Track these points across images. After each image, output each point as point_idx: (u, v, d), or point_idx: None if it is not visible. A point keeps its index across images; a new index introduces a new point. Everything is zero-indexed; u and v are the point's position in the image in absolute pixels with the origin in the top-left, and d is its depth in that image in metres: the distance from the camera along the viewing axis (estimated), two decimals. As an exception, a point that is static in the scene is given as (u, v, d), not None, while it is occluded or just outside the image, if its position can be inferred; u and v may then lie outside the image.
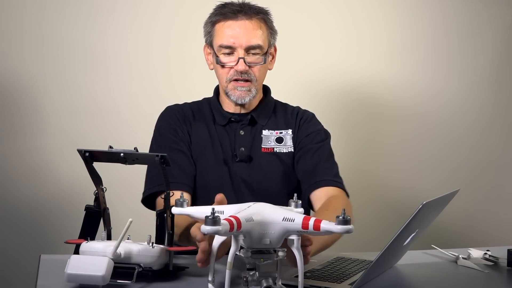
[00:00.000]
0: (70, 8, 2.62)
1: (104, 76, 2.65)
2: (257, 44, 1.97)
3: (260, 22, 1.99)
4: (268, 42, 2.01)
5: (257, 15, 1.98)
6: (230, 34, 1.96)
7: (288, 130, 2.07)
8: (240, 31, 1.96)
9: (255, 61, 1.98)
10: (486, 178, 3.06)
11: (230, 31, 1.96)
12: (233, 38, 1.96)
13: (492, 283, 1.65)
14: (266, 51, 2.00)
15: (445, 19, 2.99)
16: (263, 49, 1.98)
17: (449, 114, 3.01)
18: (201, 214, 1.34)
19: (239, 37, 1.95)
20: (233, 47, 1.96)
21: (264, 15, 2.01)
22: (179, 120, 2.04)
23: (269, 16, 2.03)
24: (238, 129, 2.03)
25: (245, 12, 1.97)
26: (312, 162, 2.01)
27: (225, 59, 1.97)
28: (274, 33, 2.04)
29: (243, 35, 1.96)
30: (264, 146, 2.02)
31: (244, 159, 1.99)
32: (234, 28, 1.96)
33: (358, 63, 2.90)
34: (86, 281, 1.35)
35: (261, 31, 1.98)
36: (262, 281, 1.28)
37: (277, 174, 2.01)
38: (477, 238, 2.98)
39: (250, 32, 1.96)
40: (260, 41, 1.97)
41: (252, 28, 1.97)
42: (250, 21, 1.97)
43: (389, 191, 2.95)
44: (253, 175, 1.99)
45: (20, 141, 2.59)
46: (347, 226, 1.23)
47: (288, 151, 2.04)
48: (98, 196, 1.54)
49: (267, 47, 2.00)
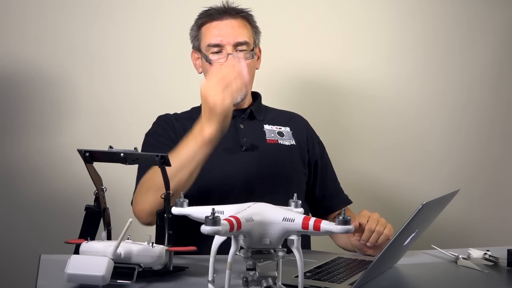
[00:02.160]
0: (70, 8, 2.61)
1: (104, 76, 2.65)
2: (244, 40, 2.04)
3: (244, 21, 2.08)
4: (253, 40, 2.09)
5: (240, 14, 2.07)
6: (217, 33, 2.04)
7: (286, 127, 2.12)
8: (227, 29, 2.04)
9: (244, 56, 2.03)
10: (486, 178, 3.06)
11: (217, 30, 2.04)
12: (220, 36, 2.03)
13: (492, 283, 1.65)
14: (252, 48, 2.06)
15: (445, 19, 2.99)
16: (250, 45, 2.06)
17: (449, 114, 3.01)
18: (201, 214, 1.34)
19: (226, 35, 2.03)
20: (221, 45, 2.02)
21: (247, 14, 2.10)
22: (172, 124, 2.07)
23: (252, 16, 2.11)
24: (237, 123, 2.06)
25: (230, 13, 2.07)
26: (330, 186, 2.18)
27: (214, 57, 2.03)
28: (258, 32, 2.13)
29: (230, 33, 2.03)
30: (268, 138, 2.06)
31: (250, 147, 2.02)
32: (220, 27, 2.04)
33: (358, 63, 2.90)
34: (86, 281, 1.35)
35: (246, 29, 2.07)
36: (262, 281, 1.28)
37: (285, 161, 2.07)
38: (477, 238, 2.98)
39: (236, 30, 2.04)
40: (246, 38, 2.05)
41: (238, 26, 2.05)
42: (235, 20, 2.06)
43: (389, 191, 2.95)
44: (261, 162, 2.01)
45: (20, 141, 2.59)
46: (347, 226, 1.23)
47: (291, 144, 2.10)
48: (98, 196, 1.54)
49: (253, 45, 2.07)
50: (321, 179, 2.15)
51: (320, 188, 2.15)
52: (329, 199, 2.15)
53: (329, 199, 2.15)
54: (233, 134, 2.03)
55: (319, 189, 2.15)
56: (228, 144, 1.99)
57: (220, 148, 1.96)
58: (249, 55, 2.04)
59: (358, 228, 1.81)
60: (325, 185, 2.16)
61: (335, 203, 2.15)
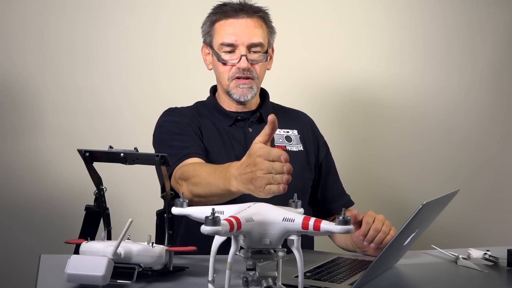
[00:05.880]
0: (70, 8, 2.61)
1: (104, 76, 2.65)
2: (259, 42, 1.99)
3: (260, 20, 2.01)
4: (268, 40, 2.03)
5: (257, 13, 2.00)
6: (231, 32, 1.98)
7: (293, 130, 2.09)
8: (242, 29, 1.97)
9: (257, 59, 1.99)
10: (486, 178, 3.06)
11: (231, 29, 1.98)
12: (235, 36, 1.97)
13: (492, 283, 1.65)
14: (266, 49, 2.01)
15: (445, 19, 2.99)
16: (264, 47, 2.00)
17: (449, 114, 3.01)
18: (201, 214, 1.34)
19: (241, 35, 1.97)
20: (235, 45, 1.97)
21: (264, 14, 2.03)
22: (187, 116, 2.03)
23: (268, 15, 2.05)
24: (246, 127, 2.03)
25: (246, 11, 2.00)
26: (332, 189, 2.15)
27: (226, 57, 1.98)
28: (273, 32, 2.07)
29: (244, 32, 1.97)
30: (276, 144, 2.03)
31: None
32: (235, 26, 1.98)
33: (358, 63, 2.90)
34: (86, 281, 1.35)
35: (261, 30, 2.00)
36: (262, 281, 1.27)
37: (294, 169, 2.03)
38: (477, 238, 2.98)
39: (252, 30, 1.98)
40: (261, 39, 1.99)
41: (254, 26, 1.99)
42: (251, 19, 1.99)
43: (389, 191, 2.95)
44: None
45: (20, 141, 2.58)
46: (347, 226, 1.23)
47: (298, 149, 2.07)
48: (98, 196, 1.54)
49: (267, 46, 2.01)
50: (323, 182, 2.13)
51: (322, 191, 2.13)
52: (330, 202, 2.13)
53: (330, 202, 2.13)
54: (242, 138, 2.02)
55: (321, 192, 2.13)
56: (237, 150, 1.98)
57: (230, 153, 1.95)
58: (262, 57, 1.99)
59: (362, 228, 1.80)
60: (327, 188, 2.14)
61: (336, 207, 2.12)
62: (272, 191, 1.33)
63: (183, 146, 1.90)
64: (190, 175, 1.74)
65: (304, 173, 2.05)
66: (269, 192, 1.34)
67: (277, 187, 1.32)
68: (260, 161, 1.34)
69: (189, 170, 1.77)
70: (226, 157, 1.93)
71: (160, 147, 1.96)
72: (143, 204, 2.58)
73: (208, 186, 1.64)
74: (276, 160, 1.32)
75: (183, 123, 1.99)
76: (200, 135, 1.99)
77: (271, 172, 1.33)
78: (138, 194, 2.64)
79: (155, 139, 2.02)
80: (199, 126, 2.01)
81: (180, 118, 2.01)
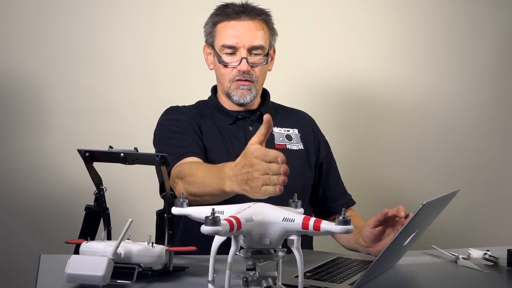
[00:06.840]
0: (71, 8, 2.62)
1: (104, 76, 2.65)
2: (260, 45, 1.99)
3: (262, 23, 2.01)
4: (269, 43, 2.03)
5: (259, 16, 2.01)
6: (233, 34, 1.98)
7: (294, 129, 2.09)
8: (243, 31, 1.98)
9: (258, 62, 1.99)
10: (486, 178, 3.07)
11: (233, 31, 1.98)
12: (236, 38, 1.97)
13: (492, 283, 1.65)
14: (267, 52, 2.01)
15: (445, 19, 2.99)
16: (265, 49, 2.01)
17: (449, 114, 3.01)
18: (201, 214, 1.34)
19: (242, 38, 1.97)
20: (236, 47, 1.98)
21: (266, 16, 2.03)
22: (187, 115, 2.04)
23: (270, 17, 2.05)
24: (246, 126, 2.04)
25: (248, 13, 2.00)
26: (333, 188, 2.14)
27: (227, 59, 1.98)
28: (275, 34, 2.07)
29: (246, 35, 1.98)
30: (276, 142, 2.04)
31: None
32: (237, 28, 1.98)
33: (358, 63, 2.90)
34: (86, 281, 1.35)
35: (263, 32, 2.01)
36: (262, 281, 1.27)
37: (293, 167, 2.03)
38: (477, 238, 2.98)
39: (253, 33, 1.98)
40: (262, 42, 1.99)
41: (255, 29, 1.99)
42: (253, 22, 1.99)
43: (389, 191, 2.95)
44: None
45: (20, 141, 2.59)
46: (347, 226, 1.23)
47: (299, 148, 2.07)
48: (98, 196, 1.54)
49: (268, 48, 2.02)
50: (324, 181, 2.13)
51: (323, 190, 2.13)
52: (331, 202, 2.13)
53: (331, 202, 2.13)
54: (242, 137, 2.02)
55: (322, 191, 2.13)
56: (237, 148, 1.98)
57: (231, 152, 1.96)
58: (262, 60, 1.99)
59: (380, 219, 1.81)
60: (327, 187, 2.14)
61: (337, 206, 2.12)
62: (268, 192, 1.33)
63: (182, 145, 1.91)
64: (186, 174, 1.75)
65: (304, 172, 2.06)
66: (265, 193, 1.33)
67: (273, 188, 1.32)
68: (257, 162, 1.34)
69: (185, 169, 1.78)
70: (227, 156, 1.93)
71: (160, 146, 1.98)
72: (143, 204, 2.58)
73: (203, 185, 1.64)
74: (273, 161, 1.32)
75: (183, 122, 2.00)
76: (200, 134, 2.00)
77: (268, 173, 1.32)
78: (138, 194, 2.64)
79: (155, 137, 2.04)
80: (199, 124, 2.02)
81: (180, 116, 2.02)
